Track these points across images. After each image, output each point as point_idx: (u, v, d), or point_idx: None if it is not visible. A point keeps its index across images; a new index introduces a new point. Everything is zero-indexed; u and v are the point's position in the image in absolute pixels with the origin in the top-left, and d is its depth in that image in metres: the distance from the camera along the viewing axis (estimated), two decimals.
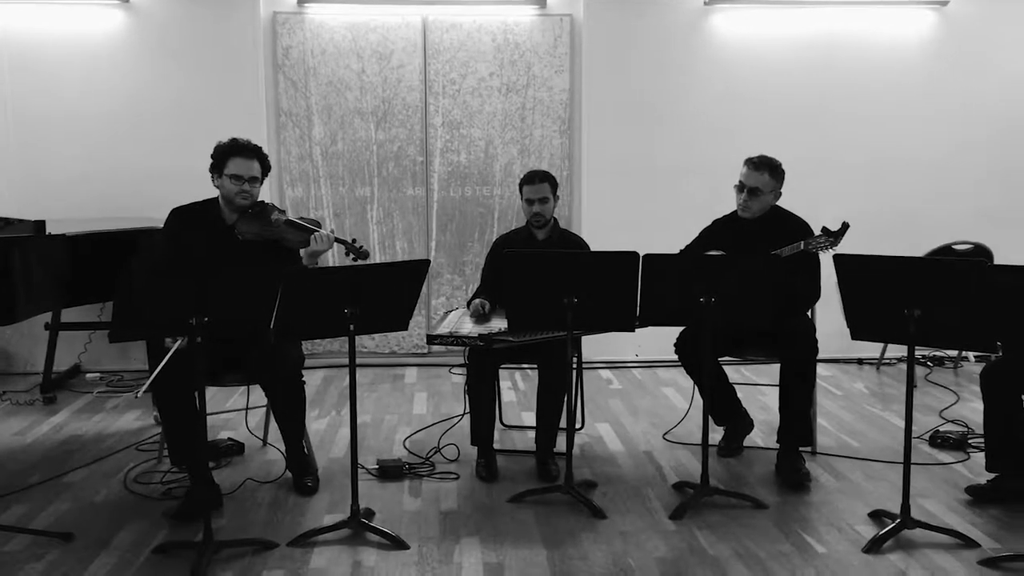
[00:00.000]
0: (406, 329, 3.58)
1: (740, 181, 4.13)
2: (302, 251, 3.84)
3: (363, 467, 4.04)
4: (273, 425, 4.18)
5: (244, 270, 3.41)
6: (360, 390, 5.50)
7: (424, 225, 6.19)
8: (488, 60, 6.08)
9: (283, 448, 3.94)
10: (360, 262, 3.77)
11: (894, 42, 6.17)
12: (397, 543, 3.33)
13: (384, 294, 3.39)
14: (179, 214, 3.91)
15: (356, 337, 3.37)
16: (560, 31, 6.07)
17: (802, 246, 3.89)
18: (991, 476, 3.76)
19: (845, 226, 3.85)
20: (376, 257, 6.14)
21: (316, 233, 3.79)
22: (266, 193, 5.64)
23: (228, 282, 3.20)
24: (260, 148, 3.89)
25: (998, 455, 3.70)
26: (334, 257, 5.76)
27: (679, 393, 5.42)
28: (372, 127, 6.10)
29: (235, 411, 4.87)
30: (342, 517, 3.47)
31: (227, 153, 3.83)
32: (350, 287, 3.30)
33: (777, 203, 4.18)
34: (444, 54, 6.06)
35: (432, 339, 3.99)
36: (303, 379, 3.87)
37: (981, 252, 5.60)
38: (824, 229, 3.89)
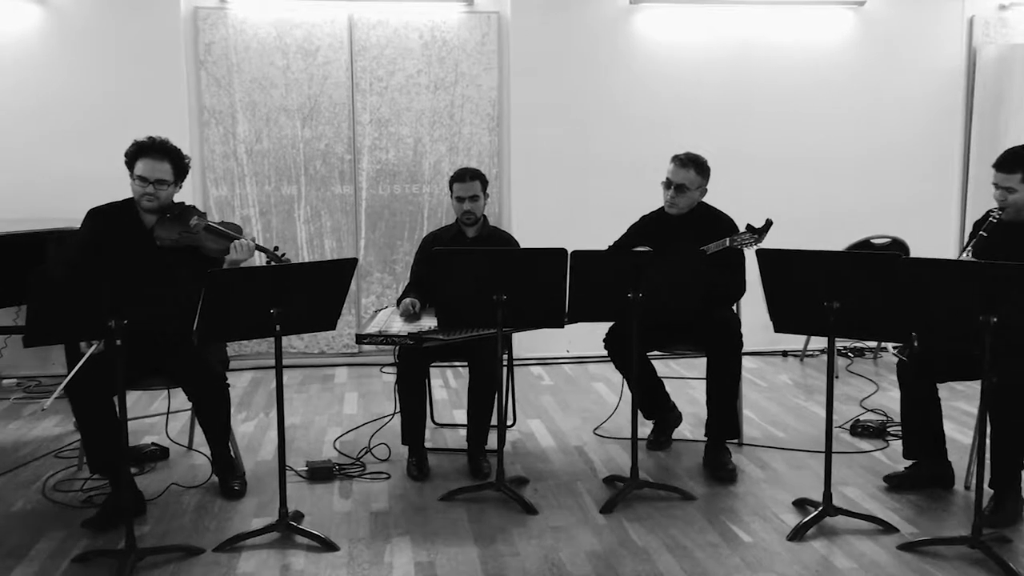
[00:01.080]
0: (334, 329, 3.54)
1: (667, 178, 4.18)
2: (224, 259, 3.75)
3: (292, 469, 3.99)
4: (198, 429, 4.09)
5: (166, 271, 3.33)
6: (289, 391, 5.44)
7: (353, 224, 6.13)
8: (416, 57, 6.04)
9: (208, 452, 3.87)
10: (285, 264, 3.71)
11: (814, 41, 6.32)
12: (327, 545, 3.30)
13: (311, 294, 3.35)
14: (96, 215, 3.80)
15: (284, 338, 3.32)
16: (488, 28, 6.07)
17: (728, 243, 3.96)
18: (909, 463, 3.88)
19: (769, 223, 3.94)
20: (304, 256, 6.06)
21: (236, 241, 3.71)
22: (189, 192, 5.54)
23: (148, 284, 3.12)
24: (174, 149, 3.76)
25: (915, 442, 3.82)
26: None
27: (609, 388, 5.47)
28: (298, 124, 6.01)
29: (158, 415, 4.75)
30: (270, 520, 3.42)
31: (135, 154, 3.72)
32: (275, 287, 3.25)
33: (704, 200, 4.25)
34: (371, 51, 6.01)
35: (362, 339, 3.95)
36: (227, 381, 3.80)
37: (898, 246, 5.77)
38: (749, 226, 3.96)
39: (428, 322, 4.02)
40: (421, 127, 6.10)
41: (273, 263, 3.76)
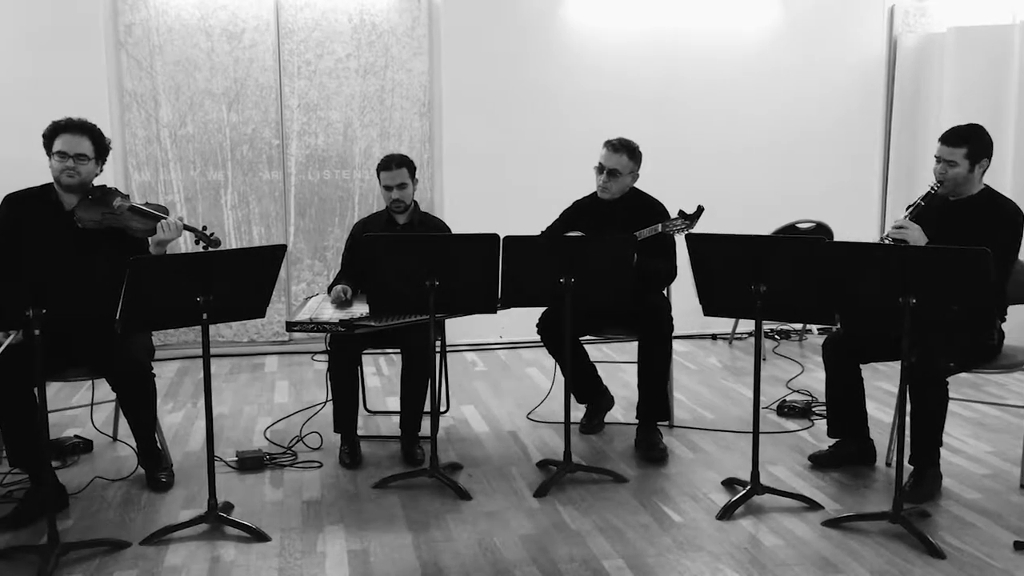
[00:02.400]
0: (263, 317, 3.48)
1: (599, 163, 4.21)
2: (150, 240, 3.66)
3: (221, 459, 3.92)
4: (123, 420, 3.99)
5: (88, 255, 3.23)
6: (217, 380, 5.34)
7: (282, 210, 6.03)
8: (345, 41, 5.96)
9: (134, 444, 3.78)
10: (212, 250, 3.64)
11: (742, 30, 6.40)
12: (258, 535, 3.25)
13: (239, 281, 3.28)
14: (12, 200, 3.67)
15: (211, 326, 3.25)
16: (418, 13, 6.02)
17: (660, 228, 4.00)
18: (833, 442, 3.98)
19: (700, 209, 3.99)
20: (232, 243, 5.95)
21: (163, 221, 3.62)
22: (110, 177, 5.40)
23: (69, 269, 3.03)
24: (93, 126, 3.67)
25: (838, 421, 3.93)
26: (185, 245, 5.54)
27: (543, 373, 5.50)
28: (224, 109, 5.89)
29: (81, 407, 4.62)
30: (199, 512, 3.36)
31: (54, 131, 3.62)
32: (202, 274, 3.18)
33: (635, 185, 4.28)
34: (298, 34, 5.91)
35: (292, 326, 3.90)
36: (153, 371, 3.71)
37: (822, 230, 5.90)
38: (680, 212, 4.01)
39: (360, 309, 3.98)
40: (351, 112, 6.02)
41: (203, 243, 3.69)
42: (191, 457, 4.06)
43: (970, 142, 3.64)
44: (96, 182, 3.72)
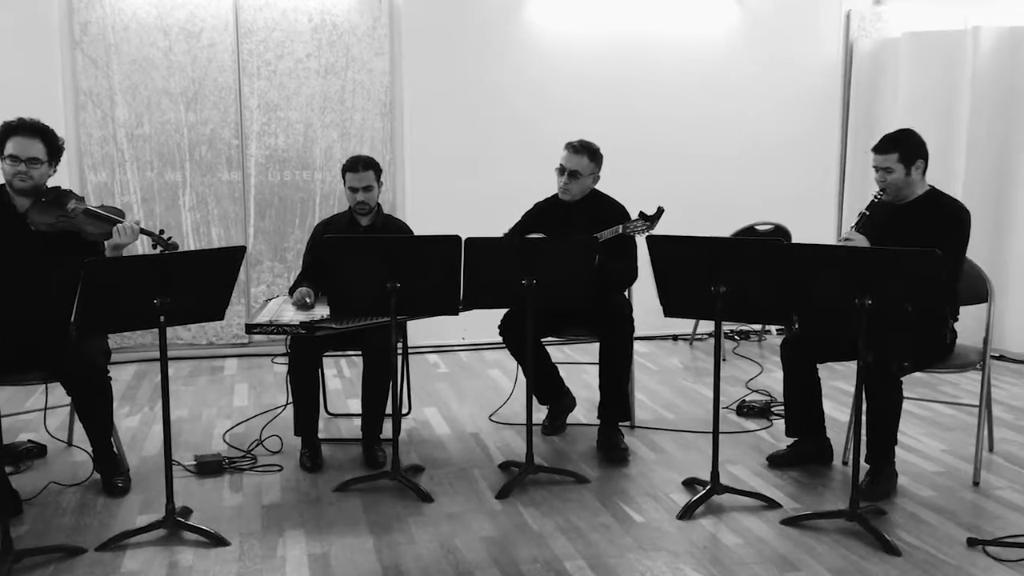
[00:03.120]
0: (222, 319, 3.45)
1: (560, 164, 4.22)
2: (106, 243, 3.60)
3: (179, 463, 3.87)
4: (78, 425, 3.93)
5: (41, 257, 3.18)
6: (176, 384, 5.27)
7: (241, 211, 5.98)
8: (305, 41, 5.92)
9: (89, 449, 3.72)
10: (169, 252, 3.59)
11: (702, 33, 6.46)
12: (216, 540, 3.22)
13: (197, 283, 3.25)
14: None
15: (170, 328, 3.21)
16: (379, 12, 5.99)
17: (620, 230, 4.03)
18: (791, 441, 4.03)
19: (660, 211, 4.02)
20: (190, 245, 5.88)
21: (119, 224, 3.56)
22: (65, 178, 5.30)
23: (22, 271, 2.97)
24: (46, 128, 3.60)
25: (795, 421, 3.98)
26: (142, 249, 5.46)
27: (505, 374, 5.50)
28: (182, 109, 5.82)
29: (35, 411, 4.53)
30: (156, 517, 3.31)
31: (5, 133, 3.55)
32: (159, 276, 3.14)
33: (596, 187, 4.30)
34: (258, 34, 5.85)
35: (251, 328, 3.86)
36: (109, 374, 3.65)
37: (780, 232, 5.97)
38: (641, 213, 4.04)
39: (321, 311, 3.95)
40: (312, 112, 5.98)
41: (160, 247, 3.63)
42: (148, 462, 4.01)
43: (901, 146, 3.72)
44: (51, 183, 3.66)
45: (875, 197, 3.77)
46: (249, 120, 5.91)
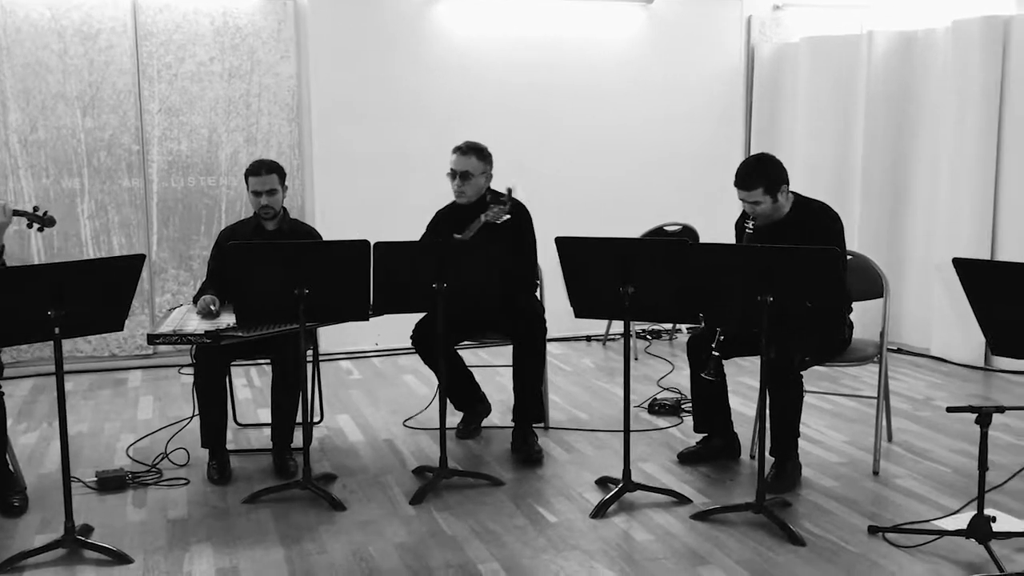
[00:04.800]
0: (122, 330, 3.33)
1: (451, 168, 4.21)
2: None
3: (79, 480, 3.74)
4: None
5: None
6: (76, 398, 5.09)
7: (143, 218, 5.80)
8: (208, 44, 5.79)
9: None
10: (47, 230, 3.45)
11: (609, 38, 6.54)
12: (119, 558, 3.11)
13: (94, 293, 3.13)
14: None
15: (68, 341, 3.09)
16: (284, 16, 5.90)
17: (482, 219, 4.03)
18: (700, 437, 4.11)
19: (509, 190, 4.08)
20: (89, 254, 5.68)
21: None
22: None
23: None
24: None
25: (703, 417, 4.06)
26: (19, 231, 5.26)
27: (419, 380, 5.47)
28: (78, 113, 5.62)
29: None
30: (55, 536, 3.19)
31: None
32: (53, 286, 3.02)
33: (492, 186, 4.29)
34: (158, 36, 5.70)
35: (154, 339, 3.75)
36: (1, 389, 3.50)
37: (688, 232, 6.08)
38: (493, 194, 4.07)
39: (227, 319, 3.86)
40: (216, 117, 5.85)
41: (36, 225, 3.50)
42: (46, 479, 3.86)
43: (764, 178, 3.68)
44: None
45: (749, 229, 3.74)
46: (150, 125, 5.75)
